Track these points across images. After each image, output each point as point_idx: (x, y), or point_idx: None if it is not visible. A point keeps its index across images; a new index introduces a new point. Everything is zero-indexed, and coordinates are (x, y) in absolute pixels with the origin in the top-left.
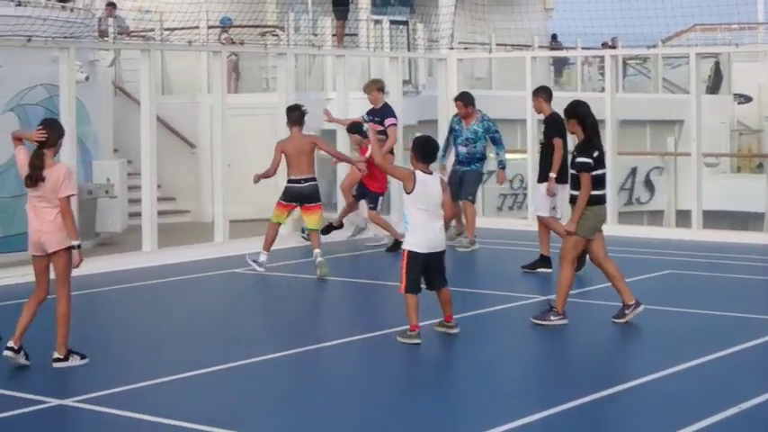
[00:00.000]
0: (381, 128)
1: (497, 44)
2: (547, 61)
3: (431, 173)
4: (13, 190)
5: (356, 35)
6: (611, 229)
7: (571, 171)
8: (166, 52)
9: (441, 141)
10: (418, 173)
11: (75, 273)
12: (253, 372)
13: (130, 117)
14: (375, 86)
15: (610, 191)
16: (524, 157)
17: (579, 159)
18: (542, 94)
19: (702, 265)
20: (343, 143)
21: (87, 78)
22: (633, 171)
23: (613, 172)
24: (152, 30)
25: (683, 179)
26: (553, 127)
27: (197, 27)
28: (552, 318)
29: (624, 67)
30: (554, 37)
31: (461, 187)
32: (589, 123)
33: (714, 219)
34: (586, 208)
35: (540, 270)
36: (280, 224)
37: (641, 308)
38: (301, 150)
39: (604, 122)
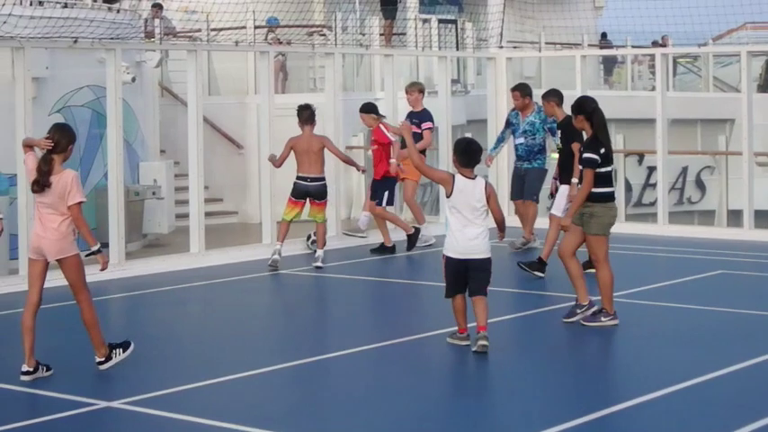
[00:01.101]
0: (419, 130)
1: (547, 43)
2: (597, 60)
3: (473, 177)
4: None
5: (404, 34)
6: (662, 229)
7: (578, 167)
8: (213, 53)
9: (490, 142)
10: (458, 177)
11: (122, 275)
12: (302, 374)
13: (177, 118)
14: (416, 88)
15: (660, 190)
16: None
17: (586, 155)
18: (553, 97)
19: (754, 265)
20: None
21: (134, 80)
22: (684, 170)
23: (664, 171)
24: (198, 30)
25: (734, 178)
26: (571, 132)
27: (244, 27)
28: (603, 318)
29: (675, 65)
30: (604, 35)
31: (525, 186)
32: (596, 119)
33: (766, 218)
34: (600, 204)
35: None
36: (290, 222)
37: (594, 308)
38: (309, 149)
39: (655, 122)
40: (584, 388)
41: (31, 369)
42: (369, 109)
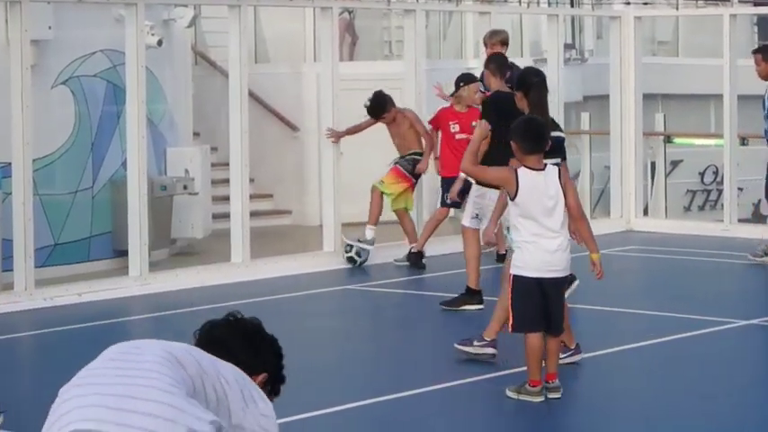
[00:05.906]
0: None
1: None
2: (750, 21)
3: (542, 167)
4: (66, 185)
5: None
6: None
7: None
8: (261, 9)
9: (612, 125)
10: (522, 171)
11: (144, 291)
12: (369, 415)
13: (215, 92)
14: (498, 38)
15: None
16: (719, 142)
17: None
18: (490, 63)
19: None
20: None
21: (160, 43)
22: None
23: None
24: None
25: None
26: (496, 111)
27: None
28: (476, 343)
29: None
30: None
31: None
32: (533, 97)
33: None
34: None
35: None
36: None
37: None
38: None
39: None
40: None
41: None
42: (473, 78)
